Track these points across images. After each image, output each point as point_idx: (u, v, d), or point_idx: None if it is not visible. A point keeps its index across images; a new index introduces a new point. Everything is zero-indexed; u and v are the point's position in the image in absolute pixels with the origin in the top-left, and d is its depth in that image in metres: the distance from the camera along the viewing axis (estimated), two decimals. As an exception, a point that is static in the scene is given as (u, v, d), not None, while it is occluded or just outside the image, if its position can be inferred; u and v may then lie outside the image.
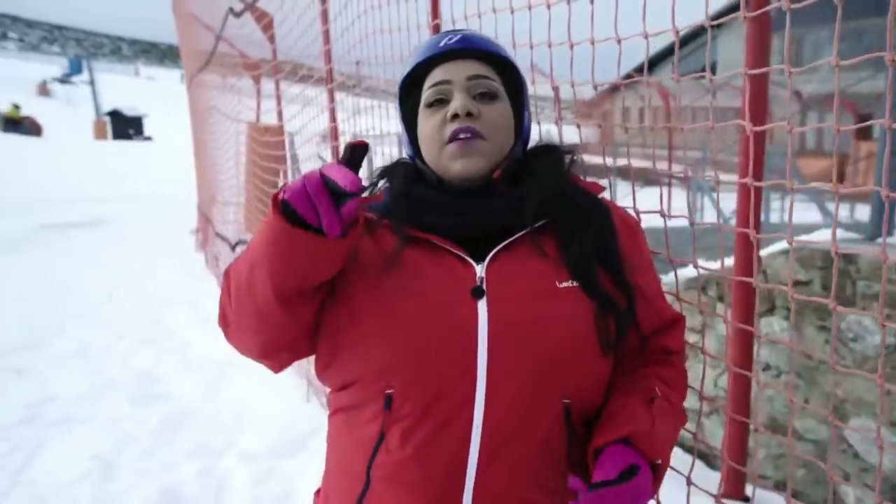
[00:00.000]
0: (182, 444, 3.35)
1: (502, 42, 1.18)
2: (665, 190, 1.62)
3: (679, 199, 10.19)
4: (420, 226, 1.03)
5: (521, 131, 1.12)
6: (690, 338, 3.15)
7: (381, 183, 1.14)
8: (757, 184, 1.54)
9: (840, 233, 3.16)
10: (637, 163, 1.72)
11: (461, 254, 1.01)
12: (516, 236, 1.02)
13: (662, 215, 1.57)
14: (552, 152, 1.13)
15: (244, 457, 3.14)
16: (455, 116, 1.02)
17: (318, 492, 1.16)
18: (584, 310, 0.99)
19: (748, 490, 2.69)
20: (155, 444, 3.35)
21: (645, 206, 1.57)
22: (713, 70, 1.52)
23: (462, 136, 1.01)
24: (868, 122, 1.21)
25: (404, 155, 1.18)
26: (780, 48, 1.45)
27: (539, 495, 0.98)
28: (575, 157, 1.13)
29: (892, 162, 2.01)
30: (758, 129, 1.37)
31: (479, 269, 0.99)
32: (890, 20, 1.06)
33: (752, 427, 2.47)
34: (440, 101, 1.05)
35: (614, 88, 1.74)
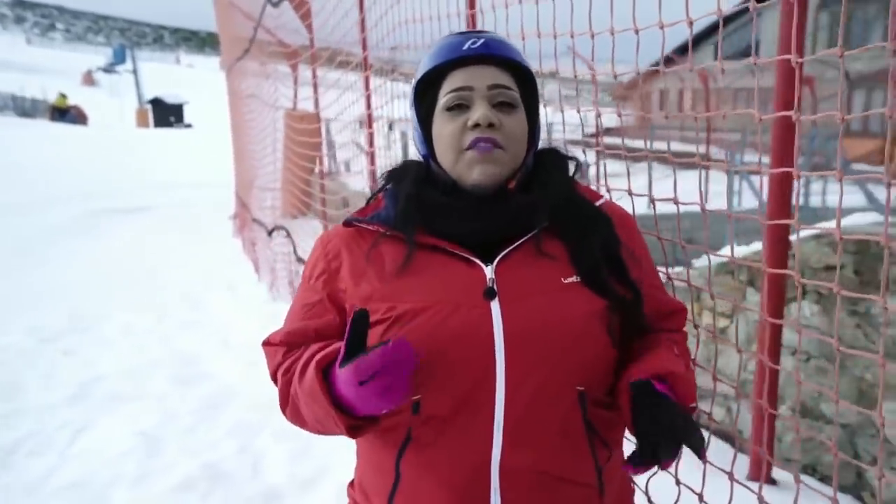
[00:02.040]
0: (221, 422, 3.47)
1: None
2: (695, 173, 1.62)
3: (718, 182, 10.00)
4: (430, 231, 1.07)
5: (534, 138, 1.14)
6: (720, 323, 3.15)
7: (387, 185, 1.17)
8: (786, 170, 1.52)
9: (875, 216, 3.10)
10: (675, 146, 1.71)
11: (471, 257, 1.05)
12: (522, 240, 1.06)
13: (676, 203, 1.57)
14: (559, 159, 1.16)
15: (280, 435, 3.25)
16: (477, 125, 1.04)
17: (351, 483, 1.21)
18: (589, 302, 1.03)
19: (776, 473, 2.70)
20: (196, 421, 3.48)
21: (682, 189, 1.57)
22: (756, 50, 1.48)
23: (482, 145, 1.03)
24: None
25: (417, 153, 1.20)
26: (827, 24, 1.42)
27: (562, 478, 1.02)
28: (580, 165, 1.17)
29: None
30: (804, 117, 1.34)
31: (489, 271, 1.03)
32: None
33: (776, 412, 2.46)
34: (460, 107, 1.06)
35: (653, 71, 1.74)
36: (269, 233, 5.95)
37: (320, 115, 5.78)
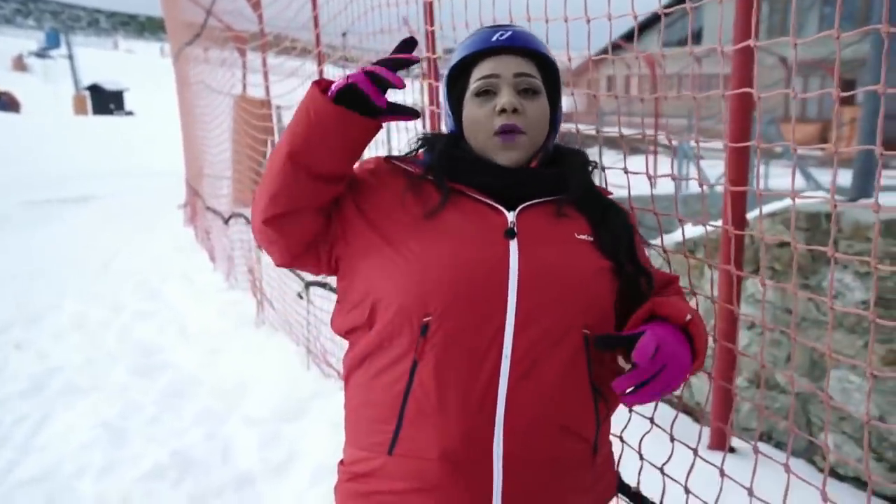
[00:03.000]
0: (187, 410, 3.43)
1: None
2: (651, 158, 1.69)
3: (665, 166, 10.28)
4: (459, 180, 1.17)
5: (555, 123, 1.24)
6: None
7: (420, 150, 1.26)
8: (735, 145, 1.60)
9: (822, 195, 3.27)
10: (623, 131, 1.78)
11: (495, 204, 1.14)
12: (545, 199, 1.17)
13: (649, 177, 1.62)
14: (580, 155, 1.27)
15: (248, 422, 3.24)
16: (503, 111, 1.14)
17: (341, 462, 1.22)
18: (598, 259, 1.14)
19: (735, 442, 2.83)
20: (160, 411, 3.44)
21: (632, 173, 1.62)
22: (699, 36, 1.56)
23: (506, 134, 1.14)
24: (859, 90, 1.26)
25: (445, 130, 1.29)
26: (766, 14, 1.50)
27: (564, 427, 1.08)
28: (595, 165, 1.29)
29: (874, 125, 2.09)
30: (733, 92, 1.43)
31: (511, 216, 1.13)
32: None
33: (736, 384, 2.58)
34: (488, 93, 1.17)
35: (601, 57, 1.79)
36: (226, 221, 5.87)
37: (271, 101, 5.71)
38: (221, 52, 6.73)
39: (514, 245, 1.09)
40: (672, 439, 1.55)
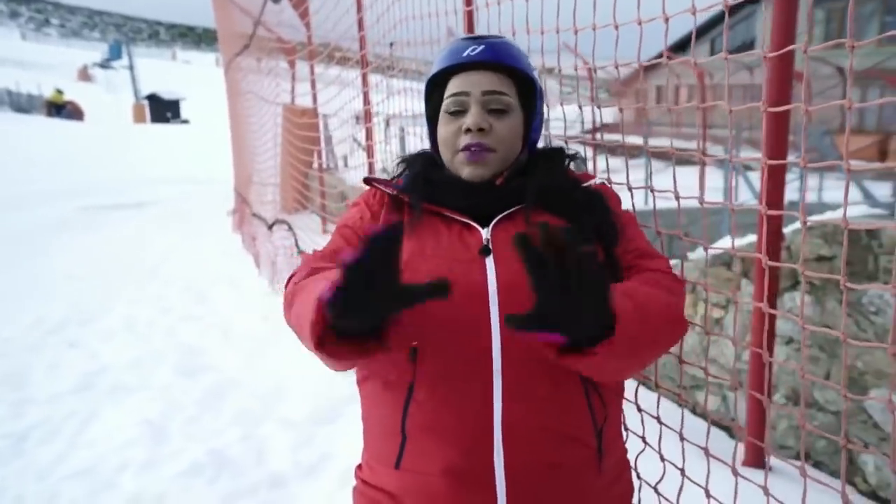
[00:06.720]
0: (226, 411, 3.53)
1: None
2: (690, 169, 1.67)
3: (714, 179, 10.12)
4: (434, 201, 1.18)
5: (529, 138, 1.24)
6: (716, 313, 3.22)
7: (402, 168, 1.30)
8: (772, 162, 1.58)
9: (865, 209, 3.18)
10: (670, 142, 1.76)
11: (469, 221, 1.16)
12: (513, 209, 1.17)
13: (677, 197, 1.61)
14: (554, 153, 1.27)
15: (284, 423, 3.31)
16: (468, 130, 1.16)
17: (359, 466, 1.26)
18: None
19: (771, 460, 2.77)
20: (200, 411, 3.54)
21: (679, 184, 1.60)
22: (752, 46, 1.53)
23: (472, 150, 1.16)
24: None
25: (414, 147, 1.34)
26: (822, 19, 1.45)
27: (564, 434, 1.09)
28: (577, 157, 1.28)
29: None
30: (776, 109, 1.41)
31: (485, 233, 1.14)
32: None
33: (770, 400, 2.52)
34: (458, 112, 1.18)
35: (650, 66, 1.79)
36: (270, 227, 6.01)
37: (318, 111, 5.84)
38: (272, 62, 6.91)
39: (490, 262, 1.10)
40: (708, 455, 1.55)
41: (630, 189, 1.71)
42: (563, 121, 1.89)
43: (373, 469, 1.18)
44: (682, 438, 1.59)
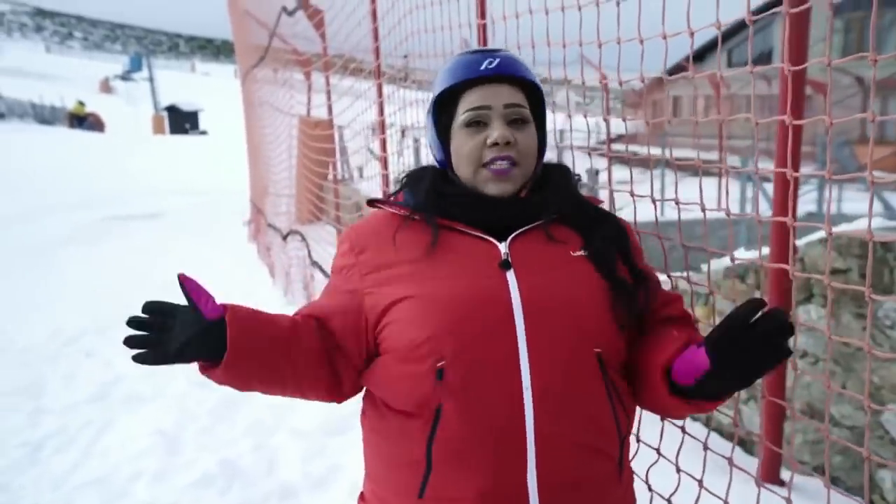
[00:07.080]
0: (238, 421, 3.55)
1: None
2: (708, 180, 1.65)
3: (732, 189, 10.03)
4: (449, 217, 1.16)
5: (542, 149, 1.25)
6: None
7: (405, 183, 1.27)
8: (795, 174, 1.57)
9: (881, 221, 3.14)
10: (687, 153, 1.75)
11: (486, 236, 1.15)
12: (532, 225, 1.17)
13: (703, 209, 1.59)
14: (565, 171, 1.27)
15: (295, 434, 3.32)
16: (495, 144, 1.14)
17: (361, 495, 1.22)
18: (596, 273, 1.13)
19: (784, 475, 2.73)
20: (214, 421, 3.56)
21: (695, 195, 1.61)
22: (769, 56, 1.51)
23: (499, 163, 1.14)
24: None
25: (433, 161, 1.28)
26: (841, 29, 1.43)
27: (594, 440, 1.08)
28: (580, 178, 1.29)
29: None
30: (800, 122, 1.40)
31: (503, 247, 1.13)
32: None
33: (788, 413, 2.50)
34: (478, 124, 1.16)
35: (664, 79, 1.77)
36: (284, 237, 6.05)
37: (333, 122, 5.87)
38: (286, 74, 6.97)
39: (511, 276, 1.09)
40: (731, 464, 1.53)
41: (654, 201, 1.70)
42: (583, 132, 1.88)
43: (386, 501, 1.14)
44: (705, 448, 1.58)
